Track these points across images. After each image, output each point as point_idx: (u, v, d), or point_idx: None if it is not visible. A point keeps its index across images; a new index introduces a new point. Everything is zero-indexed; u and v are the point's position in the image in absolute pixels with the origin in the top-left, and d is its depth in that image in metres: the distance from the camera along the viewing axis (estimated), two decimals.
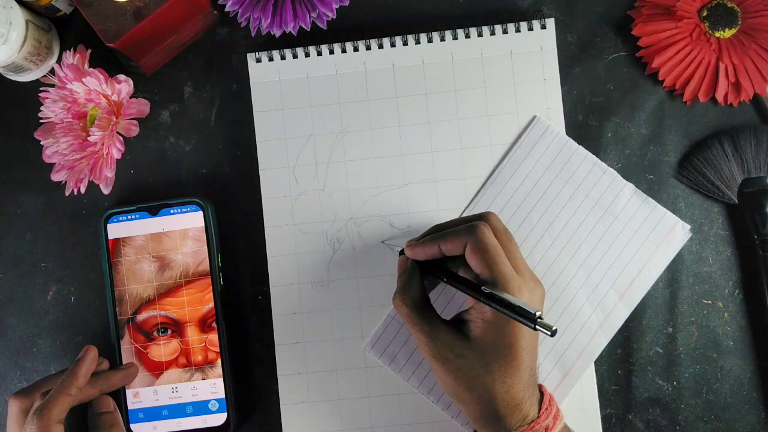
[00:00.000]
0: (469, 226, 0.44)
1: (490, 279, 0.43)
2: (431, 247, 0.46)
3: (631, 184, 0.53)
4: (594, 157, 0.53)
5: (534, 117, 0.53)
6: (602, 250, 0.52)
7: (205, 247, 0.53)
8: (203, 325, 0.52)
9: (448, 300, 0.52)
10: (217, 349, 0.52)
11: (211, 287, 0.52)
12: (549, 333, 0.39)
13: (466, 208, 0.54)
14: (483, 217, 0.46)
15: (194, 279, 0.53)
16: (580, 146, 0.53)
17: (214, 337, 0.52)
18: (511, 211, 0.53)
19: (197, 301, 0.52)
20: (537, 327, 0.40)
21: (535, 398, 0.44)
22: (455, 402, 0.45)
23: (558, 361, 0.52)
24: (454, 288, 0.46)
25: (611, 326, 0.52)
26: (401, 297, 0.46)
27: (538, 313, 0.40)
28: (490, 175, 0.54)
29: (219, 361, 0.52)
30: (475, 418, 0.44)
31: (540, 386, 0.45)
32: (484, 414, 0.43)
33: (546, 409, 0.43)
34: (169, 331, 0.52)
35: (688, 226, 0.53)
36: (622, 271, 0.52)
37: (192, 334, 0.52)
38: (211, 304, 0.52)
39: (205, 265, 0.53)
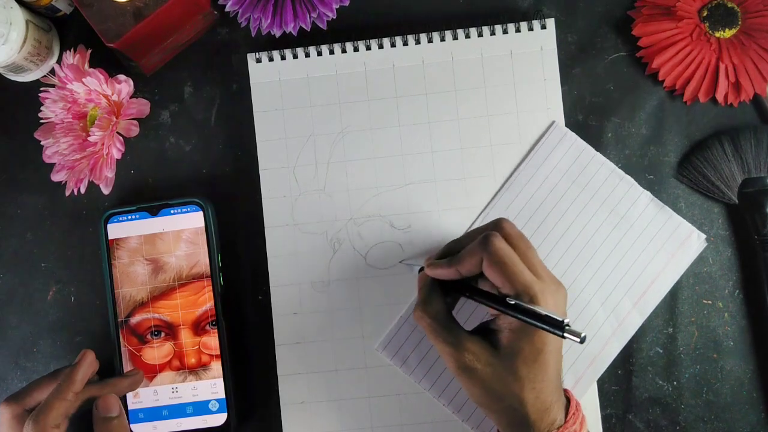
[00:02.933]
0: (482, 239, 0.44)
1: (511, 291, 0.42)
2: (449, 270, 0.45)
3: (648, 192, 0.53)
4: (611, 164, 0.53)
5: (553, 122, 0.53)
6: (617, 257, 0.52)
7: (199, 250, 0.53)
8: (197, 328, 0.52)
9: (470, 312, 0.52)
10: (210, 352, 0.52)
11: (204, 290, 0.52)
12: (578, 340, 0.39)
13: (481, 212, 0.53)
14: (495, 226, 0.45)
15: (188, 282, 0.53)
16: (598, 153, 0.53)
17: (207, 339, 0.52)
18: (526, 216, 0.53)
19: (191, 304, 0.52)
20: (565, 335, 0.39)
21: (562, 403, 0.43)
22: (484, 411, 0.44)
23: (570, 368, 0.51)
24: (476, 302, 0.45)
25: (624, 334, 0.52)
26: (422, 309, 0.45)
27: (566, 321, 0.39)
28: (507, 180, 0.53)
29: (213, 364, 0.52)
30: (504, 425, 0.43)
31: (566, 391, 0.45)
32: (513, 421, 0.43)
33: (573, 414, 0.43)
34: (163, 334, 0.52)
35: (704, 236, 0.52)
36: (637, 279, 0.52)
37: (185, 337, 0.52)
38: (205, 307, 0.52)
39: (199, 268, 0.52)
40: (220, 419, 0.52)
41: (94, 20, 0.49)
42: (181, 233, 0.53)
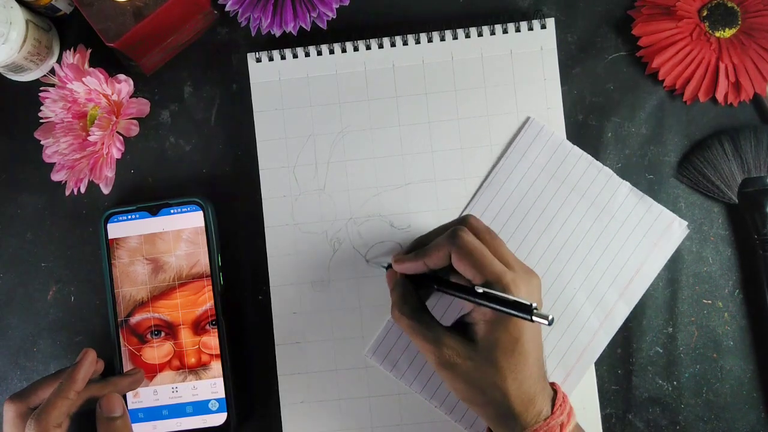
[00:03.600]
0: (449, 234, 0.44)
1: (482, 281, 0.43)
2: (416, 263, 0.46)
3: (627, 183, 0.53)
4: (589, 156, 0.53)
5: (528, 118, 0.53)
6: (600, 249, 0.52)
7: (199, 250, 0.53)
8: (196, 328, 0.52)
9: (445, 307, 0.52)
10: (210, 352, 0.52)
11: (204, 289, 0.52)
12: (546, 322, 0.40)
13: (463, 211, 0.53)
14: (461, 221, 0.46)
15: (188, 281, 0.53)
16: (575, 146, 0.53)
17: (207, 339, 0.52)
18: (507, 213, 0.53)
19: (191, 304, 0.52)
20: (534, 318, 0.40)
21: (547, 394, 0.44)
22: (469, 406, 0.45)
23: (560, 362, 0.51)
24: (448, 295, 0.46)
25: (612, 325, 0.52)
26: (399, 309, 0.46)
27: (533, 305, 0.40)
28: (486, 177, 0.54)
29: (213, 364, 0.52)
30: (490, 419, 0.43)
31: (553, 384, 0.45)
32: (499, 413, 0.43)
33: (560, 405, 0.43)
34: (163, 334, 0.52)
35: (686, 223, 0.53)
36: (621, 270, 0.52)
37: (185, 336, 0.52)
38: (205, 307, 0.52)
39: (199, 268, 0.52)
40: (220, 419, 0.52)
41: (94, 20, 0.49)
42: (181, 233, 0.53)
